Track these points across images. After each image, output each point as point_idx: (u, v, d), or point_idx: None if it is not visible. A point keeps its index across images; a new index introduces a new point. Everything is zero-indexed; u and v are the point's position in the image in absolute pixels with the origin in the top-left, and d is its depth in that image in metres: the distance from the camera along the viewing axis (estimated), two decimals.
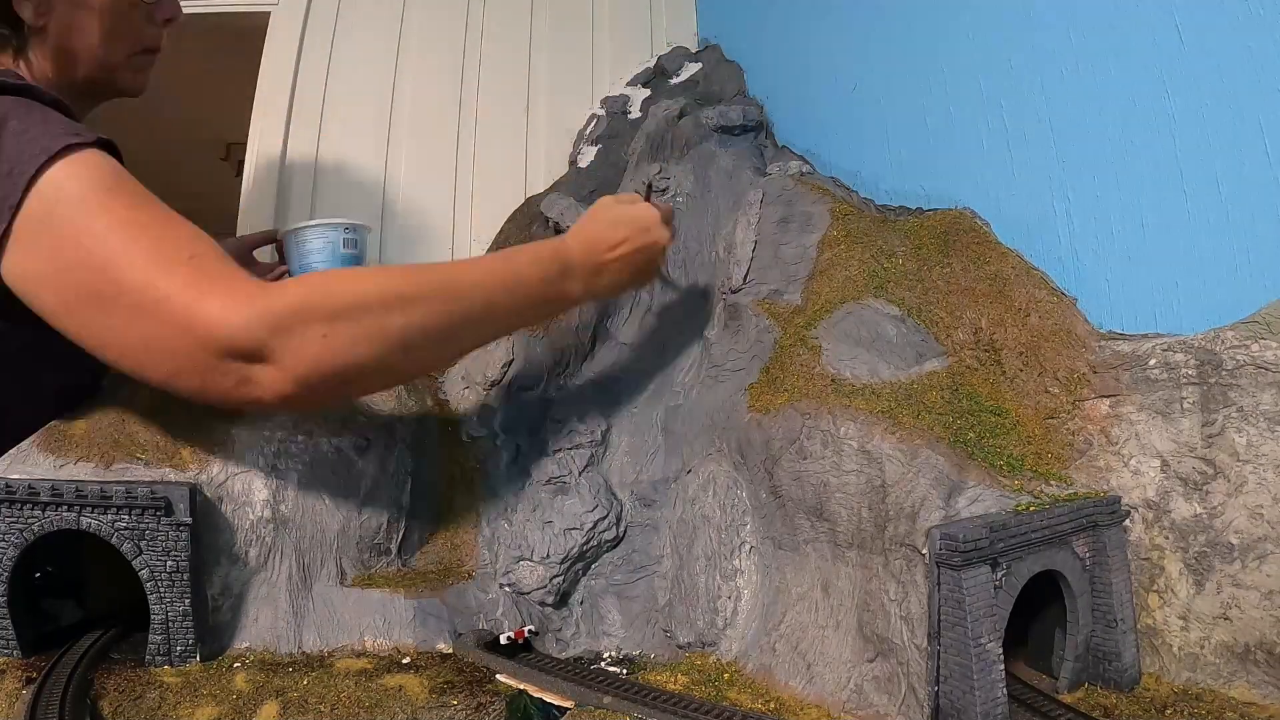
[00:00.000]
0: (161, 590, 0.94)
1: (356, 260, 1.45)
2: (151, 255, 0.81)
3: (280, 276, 1.44)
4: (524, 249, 1.02)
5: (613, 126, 1.78)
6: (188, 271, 0.81)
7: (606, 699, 0.86)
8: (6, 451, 1.03)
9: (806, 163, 1.54)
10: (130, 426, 1.08)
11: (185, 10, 1.38)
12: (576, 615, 1.14)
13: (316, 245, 1.43)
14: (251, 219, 1.90)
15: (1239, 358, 0.87)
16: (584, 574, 1.17)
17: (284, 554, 1.06)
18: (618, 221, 1.07)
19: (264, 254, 1.63)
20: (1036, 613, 0.92)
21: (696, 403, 1.23)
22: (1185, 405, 0.90)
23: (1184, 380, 0.91)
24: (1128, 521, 0.92)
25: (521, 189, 1.91)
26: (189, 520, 0.96)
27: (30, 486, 0.93)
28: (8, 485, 0.93)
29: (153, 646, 0.94)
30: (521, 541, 1.15)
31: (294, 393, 0.81)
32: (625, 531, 1.18)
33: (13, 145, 0.84)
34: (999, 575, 0.81)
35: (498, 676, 0.94)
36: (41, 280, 0.84)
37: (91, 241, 0.81)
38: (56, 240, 0.82)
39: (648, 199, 1.16)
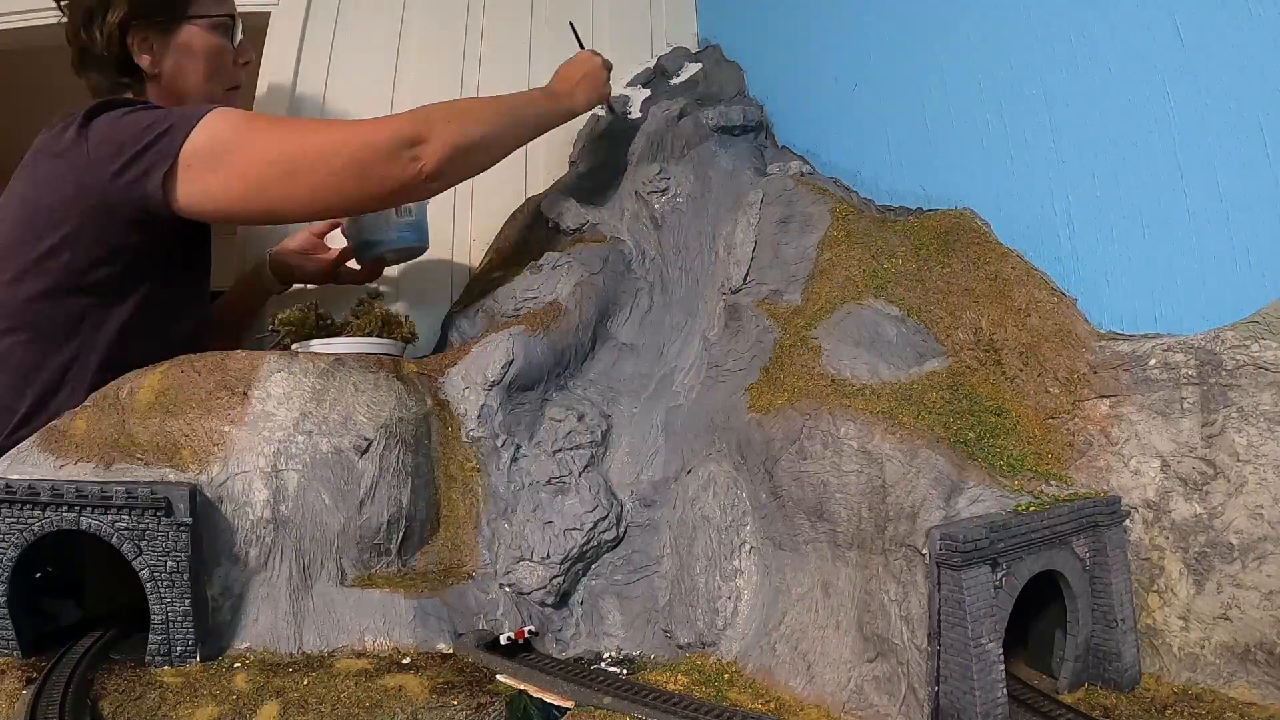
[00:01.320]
0: (161, 590, 0.94)
1: (414, 226, 1.58)
2: (324, 126, 1.43)
3: (345, 257, 1.71)
4: (530, 93, 1.54)
5: (613, 126, 1.78)
6: (350, 123, 1.37)
7: (606, 699, 0.86)
8: None
9: (806, 163, 1.54)
10: (130, 426, 1.08)
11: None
12: (576, 615, 1.14)
13: (369, 219, 1.54)
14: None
15: (1239, 358, 0.87)
16: (584, 574, 1.17)
17: (284, 554, 1.06)
18: (572, 65, 1.60)
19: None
20: (1036, 613, 0.92)
21: (696, 403, 1.23)
22: (1185, 405, 0.90)
23: (1184, 380, 0.91)
24: (1128, 521, 0.92)
25: (521, 189, 1.91)
26: (189, 520, 0.96)
27: (30, 486, 0.93)
28: (8, 485, 0.93)
29: (153, 647, 0.94)
30: (521, 541, 1.15)
31: (442, 159, 1.27)
32: (625, 532, 1.18)
33: (170, 115, 1.24)
34: (999, 575, 0.81)
35: (498, 677, 0.94)
36: (227, 188, 1.22)
37: (267, 140, 1.23)
38: (229, 155, 1.21)
39: (580, 46, 1.72)
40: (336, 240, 1.75)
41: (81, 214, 1.25)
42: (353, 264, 1.73)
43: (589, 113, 1.94)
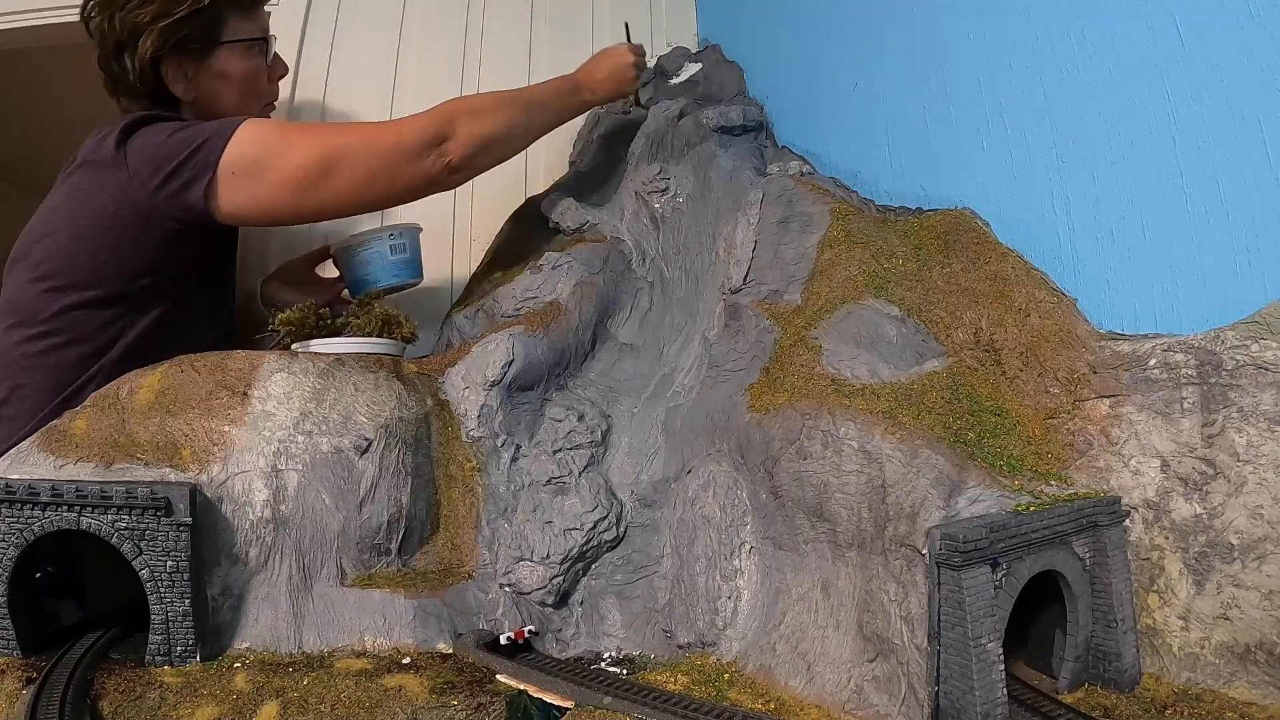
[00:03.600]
0: (161, 590, 0.94)
1: (409, 263, 1.58)
2: (354, 128, 1.46)
3: (341, 291, 1.68)
4: (556, 81, 1.58)
5: (613, 126, 1.78)
6: (379, 124, 1.44)
7: (606, 699, 0.86)
8: None
9: (806, 163, 1.54)
10: (130, 426, 1.08)
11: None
12: (576, 615, 1.14)
13: (365, 258, 1.55)
14: None
15: (1239, 358, 0.87)
16: (584, 574, 1.17)
17: (284, 554, 1.06)
18: (602, 56, 1.64)
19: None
20: (1036, 613, 0.92)
21: (696, 403, 1.23)
22: (1185, 405, 0.90)
23: (1184, 380, 0.91)
24: (1128, 522, 0.92)
25: (521, 189, 1.91)
26: (189, 520, 0.96)
27: (30, 486, 0.93)
28: (8, 485, 0.93)
29: (153, 646, 0.94)
30: (521, 541, 1.15)
31: (466, 154, 1.36)
32: (625, 532, 1.18)
33: (205, 129, 1.29)
34: (999, 575, 0.81)
35: (498, 677, 0.94)
36: (269, 193, 1.29)
37: (303, 144, 1.30)
38: (270, 163, 1.28)
39: (627, 39, 1.74)
40: (328, 271, 1.74)
41: (123, 228, 1.30)
42: (346, 297, 1.72)
43: (589, 114, 1.95)
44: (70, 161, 1.38)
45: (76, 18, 1.65)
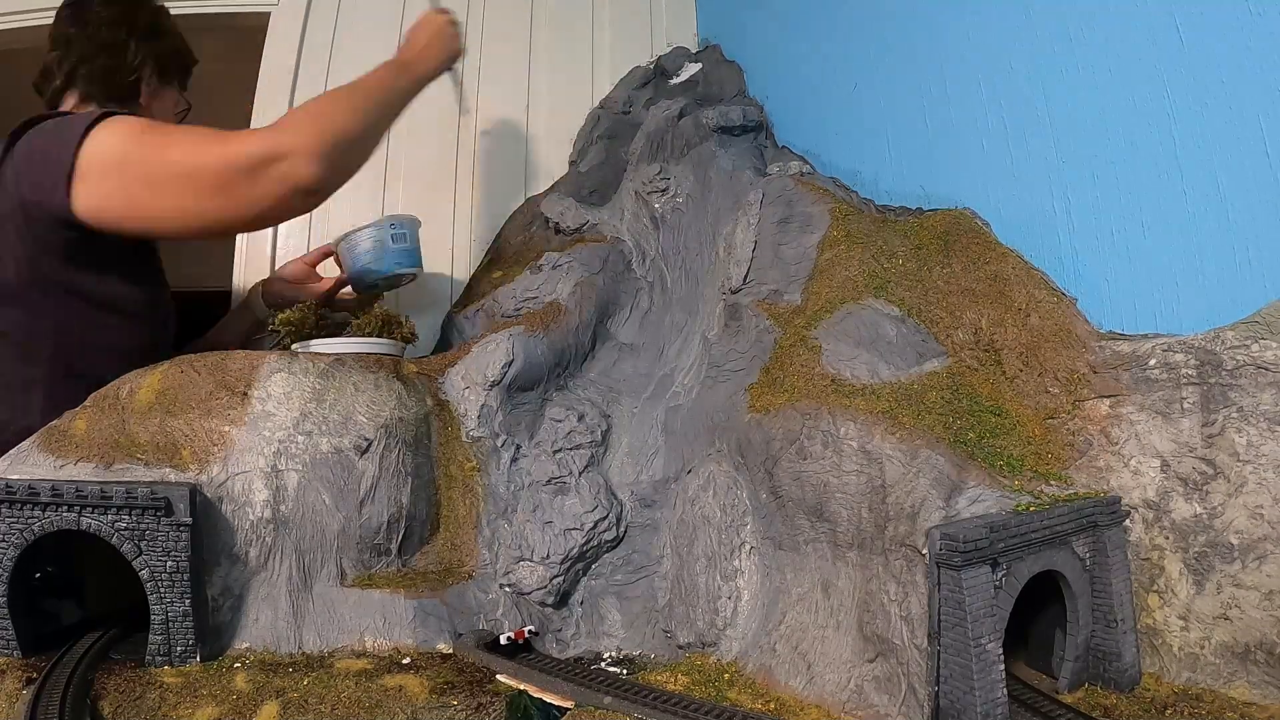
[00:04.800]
0: (162, 590, 0.94)
1: (409, 253, 1.57)
2: (198, 141, 1.24)
3: (343, 286, 1.67)
4: (382, 68, 1.44)
5: (613, 126, 1.78)
6: (222, 138, 1.22)
7: (606, 699, 0.86)
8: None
9: (806, 163, 1.54)
10: (130, 426, 1.08)
11: (186, 10, 1.40)
12: (576, 615, 1.14)
13: (366, 247, 1.54)
14: None
15: (1239, 358, 0.87)
16: (584, 574, 1.17)
17: (284, 554, 1.06)
18: (416, 29, 1.54)
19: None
20: (1036, 613, 0.92)
21: (696, 403, 1.23)
22: (1185, 405, 0.90)
23: (1184, 380, 0.91)
24: (1128, 521, 0.92)
25: (521, 189, 1.91)
26: (189, 520, 0.96)
27: (30, 487, 0.93)
28: (8, 485, 0.93)
29: (153, 647, 0.94)
30: (521, 541, 1.15)
31: (316, 168, 1.21)
32: (625, 532, 1.18)
33: (71, 126, 1.23)
34: (999, 575, 0.81)
35: (498, 677, 0.94)
36: (109, 199, 1.20)
37: (143, 155, 1.21)
38: (116, 168, 1.20)
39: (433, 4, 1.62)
40: (331, 269, 1.75)
41: (11, 230, 1.25)
42: (347, 291, 1.72)
43: (589, 114, 1.95)
44: None
45: None
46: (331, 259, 1.71)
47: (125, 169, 1.21)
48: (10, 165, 1.25)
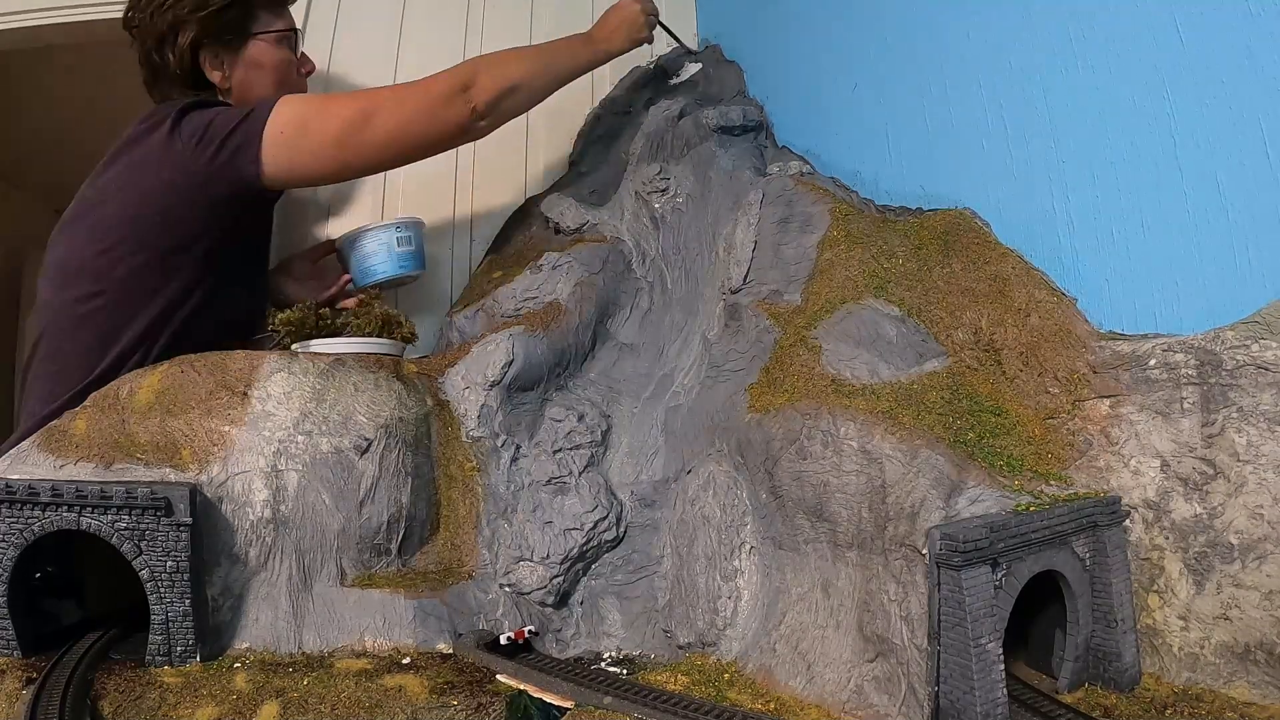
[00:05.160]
0: (162, 590, 0.94)
1: (414, 256, 1.60)
2: (384, 88, 1.54)
3: (345, 284, 1.70)
4: (570, 38, 1.69)
5: (613, 126, 1.78)
6: (406, 83, 1.53)
7: (606, 699, 0.86)
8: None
9: (806, 163, 1.54)
10: (130, 426, 1.08)
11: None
12: (576, 615, 1.14)
13: (371, 249, 1.57)
14: None
15: (1239, 358, 0.87)
16: (584, 574, 1.17)
17: (284, 554, 1.06)
18: (610, 11, 1.74)
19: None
20: (1036, 613, 0.92)
21: (696, 403, 1.23)
22: (1185, 405, 0.90)
23: (1184, 380, 0.91)
24: (1128, 521, 0.92)
25: (521, 189, 1.91)
26: (189, 520, 0.96)
27: (30, 487, 0.93)
28: (8, 485, 0.93)
29: (153, 647, 0.94)
30: (521, 541, 1.15)
31: (490, 99, 1.48)
32: (625, 532, 1.18)
33: (250, 107, 1.43)
34: (999, 575, 0.81)
35: (498, 677, 0.94)
36: (313, 150, 1.42)
37: (339, 104, 1.46)
38: (311, 124, 1.41)
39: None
40: (334, 268, 1.75)
41: (178, 196, 1.40)
42: (350, 289, 1.73)
43: (589, 113, 1.95)
44: (120, 141, 1.48)
45: (78, 18, 1.67)
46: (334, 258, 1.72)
47: (324, 119, 1.41)
48: (179, 140, 1.39)
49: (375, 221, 1.64)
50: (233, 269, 1.52)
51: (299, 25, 1.93)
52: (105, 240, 1.42)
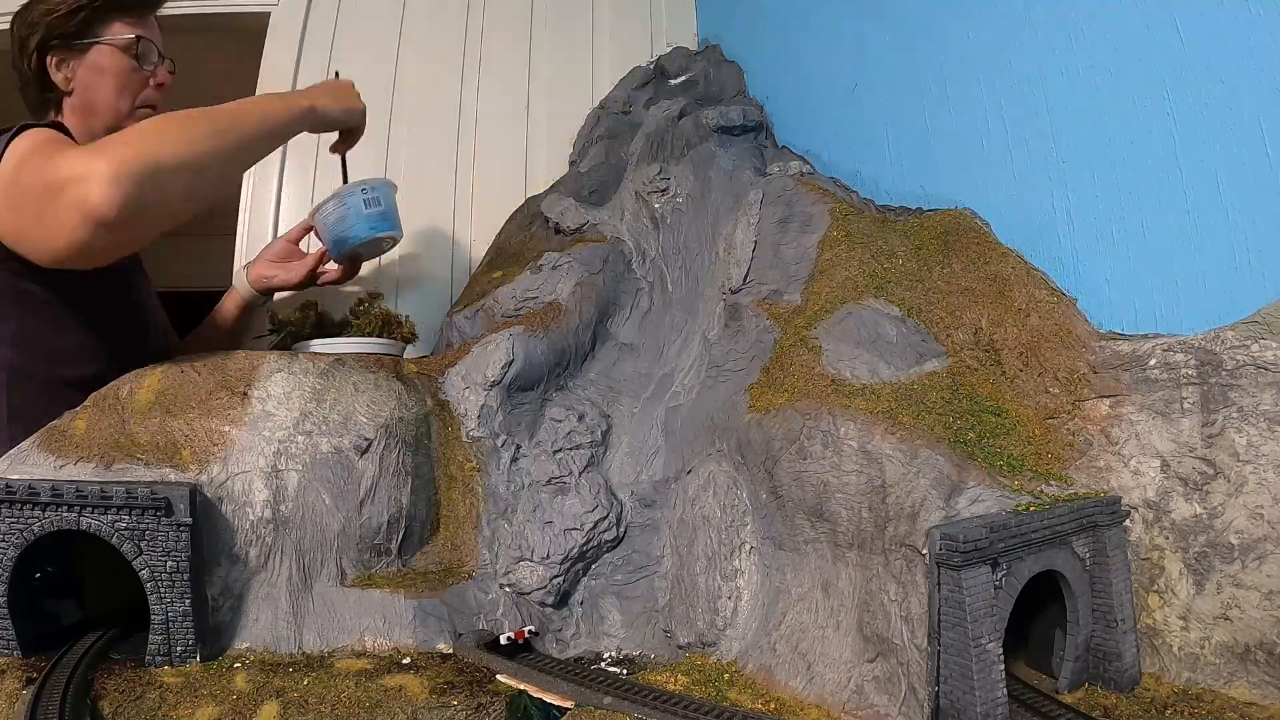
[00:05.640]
0: (162, 590, 0.94)
1: (384, 216, 1.54)
2: (60, 157, 1.11)
3: (322, 257, 1.62)
4: (254, 98, 1.45)
5: (613, 126, 1.78)
6: (74, 154, 1.11)
7: (606, 699, 0.86)
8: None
9: (806, 163, 1.54)
10: (130, 426, 1.08)
11: (186, 10, 1.40)
12: (576, 615, 1.14)
13: (339, 214, 1.49)
14: (253, 218, 1.90)
15: (1239, 358, 0.87)
16: (584, 574, 1.17)
17: (284, 554, 1.06)
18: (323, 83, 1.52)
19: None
20: (1036, 613, 0.92)
21: (696, 403, 1.23)
22: (1185, 405, 0.90)
23: (1184, 380, 0.91)
24: (1128, 521, 0.92)
25: (521, 189, 1.91)
26: (189, 520, 0.96)
27: (30, 487, 0.93)
28: (8, 485, 0.93)
29: (153, 647, 0.94)
30: (521, 541, 1.15)
31: (114, 194, 1.03)
32: (625, 532, 1.18)
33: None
34: (999, 575, 0.81)
35: (498, 677, 0.94)
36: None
37: (16, 170, 1.13)
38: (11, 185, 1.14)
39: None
40: (314, 245, 1.73)
41: None
42: (330, 266, 1.70)
43: (589, 114, 1.94)
44: None
45: None
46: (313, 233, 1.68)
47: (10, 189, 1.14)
48: None
49: (342, 186, 1.54)
50: (68, 305, 1.32)
51: (299, 26, 1.94)
52: None
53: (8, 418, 1.28)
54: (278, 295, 1.74)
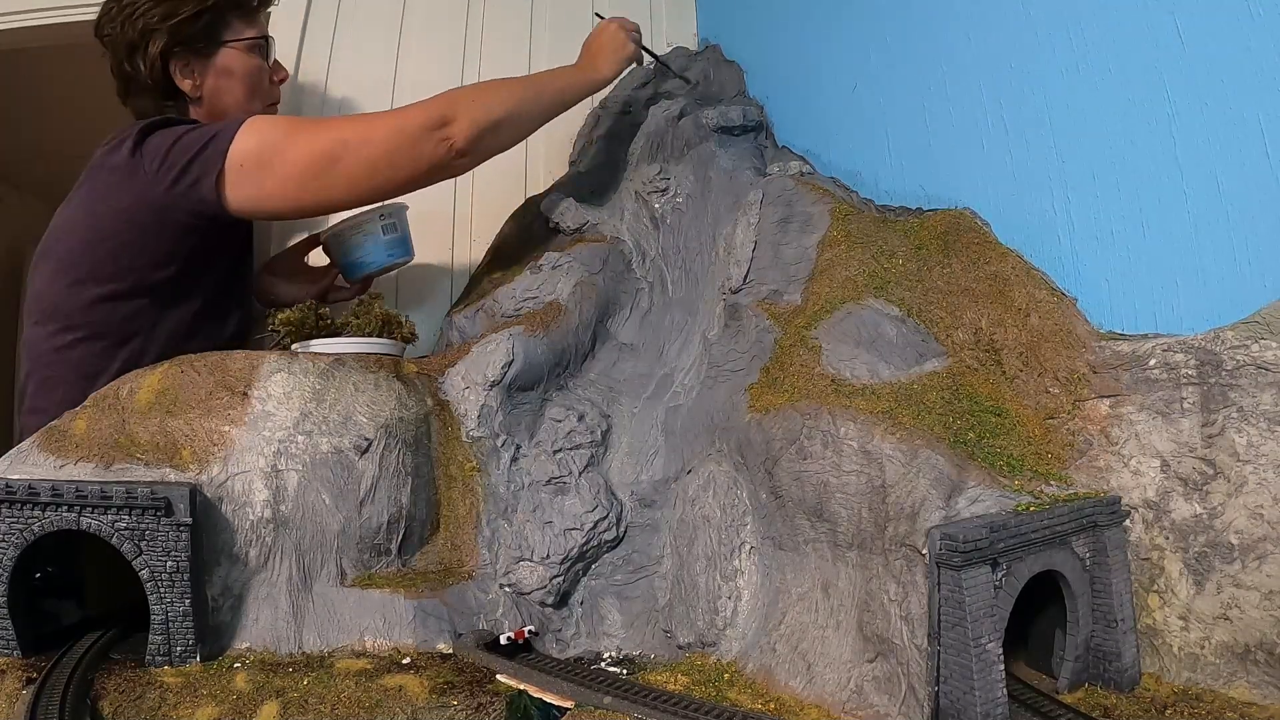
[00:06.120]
0: (162, 590, 0.94)
1: (401, 242, 1.60)
2: (358, 119, 1.54)
3: (335, 278, 1.69)
4: (556, 69, 1.61)
5: (613, 126, 1.78)
6: (382, 113, 1.51)
7: (606, 699, 0.86)
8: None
9: (806, 163, 1.54)
10: (130, 426, 1.08)
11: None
12: (576, 615, 1.14)
13: (359, 241, 1.54)
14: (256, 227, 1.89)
15: (1239, 358, 0.87)
16: (584, 574, 1.17)
17: (284, 554, 1.06)
18: (591, 38, 1.66)
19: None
20: (1036, 613, 0.92)
21: (696, 403, 1.23)
22: (1185, 405, 0.90)
23: (1184, 380, 0.91)
24: (1128, 521, 0.92)
25: (521, 189, 1.91)
26: (189, 520, 0.96)
27: (30, 487, 0.93)
28: (8, 485, 0.93)
29: (153, 647, 0.94)
30: (521, 542, 1.15)
31: (470, 136, 1.38)
32: (625, 532, 1.18)
33: (214, 127, 1.36)
34: (999, 575, 0.81)
35: (498, 677, 0.94)
36: (276, 185, 1.34)
37: (306, 137, 1.35)
38: (275, 157, 1.33)
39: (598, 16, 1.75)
40: (319, 259, 1.74)
41: (142, 224, 1.35)
42: (340, 281, 1.72)
43: (589, 114, 1.95)
44: (88, 166, 1.43)
45: (77, 18, 1.66)
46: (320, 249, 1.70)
47: (287, 153, 1.33)
48: (141, 164, 1.33)
49: (360, 212, 1.59)
50: (212, 291, 1.48)
51: (299, 27, 1.94)
52: (72, 273, 1.38)
53: None
54: None
